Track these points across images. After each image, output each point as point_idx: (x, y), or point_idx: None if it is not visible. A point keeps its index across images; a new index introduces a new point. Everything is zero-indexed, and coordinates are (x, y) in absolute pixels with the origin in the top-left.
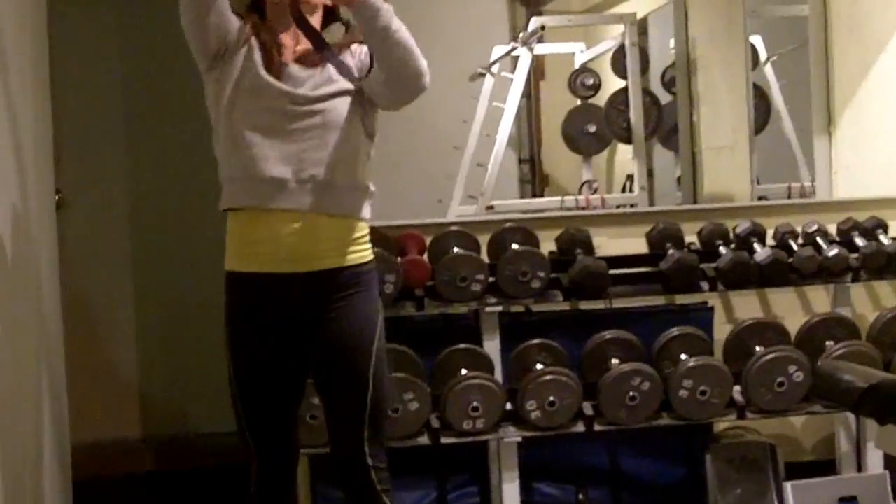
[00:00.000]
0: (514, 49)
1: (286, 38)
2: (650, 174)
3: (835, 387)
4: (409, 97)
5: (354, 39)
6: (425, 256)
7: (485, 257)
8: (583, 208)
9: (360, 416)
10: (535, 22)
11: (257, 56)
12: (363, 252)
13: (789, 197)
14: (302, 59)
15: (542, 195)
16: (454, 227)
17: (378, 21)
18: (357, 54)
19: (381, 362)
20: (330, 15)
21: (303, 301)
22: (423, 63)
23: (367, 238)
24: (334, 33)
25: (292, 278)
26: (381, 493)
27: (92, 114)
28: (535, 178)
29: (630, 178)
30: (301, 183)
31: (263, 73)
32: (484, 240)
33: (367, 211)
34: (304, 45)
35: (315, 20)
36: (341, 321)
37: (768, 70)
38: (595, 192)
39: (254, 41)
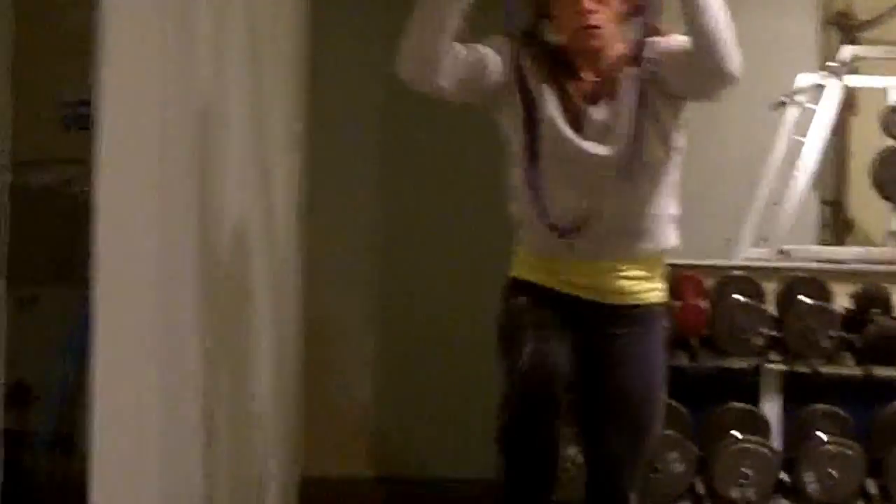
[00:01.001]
0: (821, 79)
1: (579, 83)
2: None
3: None
4: (713, 79)
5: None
6: (703, 302)
7: (771, 308)
8: (888, 262)
9: (634, 460)
10: (846, 51)
11: (552, 105)
12: (660, 291)
13: None
14: (597, 97)
15: (842, 243)
16: (738, 272)
17: None
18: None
19: (661, 412)
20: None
21: (593, 322)
22: (733, 49)
23: (663, 275)
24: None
25: (587, 302)
26: None
27: (348, 120)
28: (836, 224)
29: None
30: (608, 232)
31: (562, 125)
32: (771, 288)
33: (673, 238)
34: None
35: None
36: (632, 363)
37: None
38: None
39: (545, 87)
